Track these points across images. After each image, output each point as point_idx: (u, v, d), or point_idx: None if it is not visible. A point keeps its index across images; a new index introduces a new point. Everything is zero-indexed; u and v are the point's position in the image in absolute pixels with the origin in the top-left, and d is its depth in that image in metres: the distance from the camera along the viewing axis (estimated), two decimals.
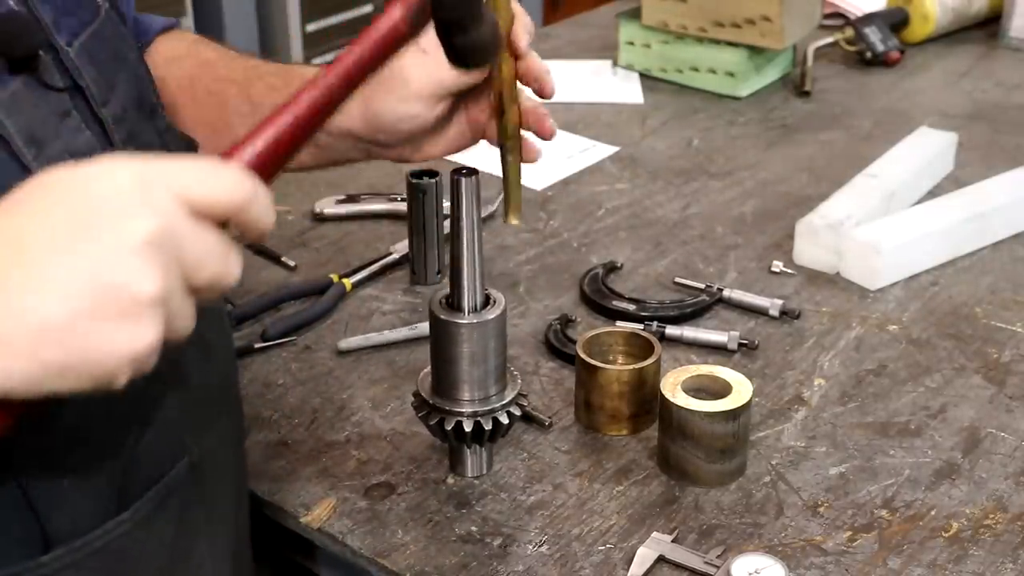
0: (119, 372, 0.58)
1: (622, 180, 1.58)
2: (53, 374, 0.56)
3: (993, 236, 1.40)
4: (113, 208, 0.57)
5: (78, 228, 0.57)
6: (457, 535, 0.97)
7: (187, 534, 0.82)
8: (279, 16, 3.08)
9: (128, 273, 0.56)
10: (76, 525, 0.72)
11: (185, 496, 0.81)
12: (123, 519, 0.75)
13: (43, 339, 0.55)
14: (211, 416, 0.86)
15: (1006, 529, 0.98)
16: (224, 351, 0.91)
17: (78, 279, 0.56)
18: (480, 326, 0.96)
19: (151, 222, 0.57)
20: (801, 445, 1.07)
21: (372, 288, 1.32)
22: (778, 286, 1.32)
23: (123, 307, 0.56)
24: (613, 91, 1.87)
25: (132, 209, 0.57)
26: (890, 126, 1.70)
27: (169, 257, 0.58)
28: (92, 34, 0.76)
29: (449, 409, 0.98)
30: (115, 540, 0.75)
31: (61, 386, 0.57)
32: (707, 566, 0.93)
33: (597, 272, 1.32)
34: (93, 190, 0.58)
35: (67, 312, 0.56)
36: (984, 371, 1.18)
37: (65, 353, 0.56)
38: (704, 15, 1.80)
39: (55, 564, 0.72)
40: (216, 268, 0.61)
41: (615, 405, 1.07)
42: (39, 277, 0.56)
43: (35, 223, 0.57)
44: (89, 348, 0.56)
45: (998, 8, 2.05)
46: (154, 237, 0.57)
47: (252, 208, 0.62)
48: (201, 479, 0.83)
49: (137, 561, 0.77)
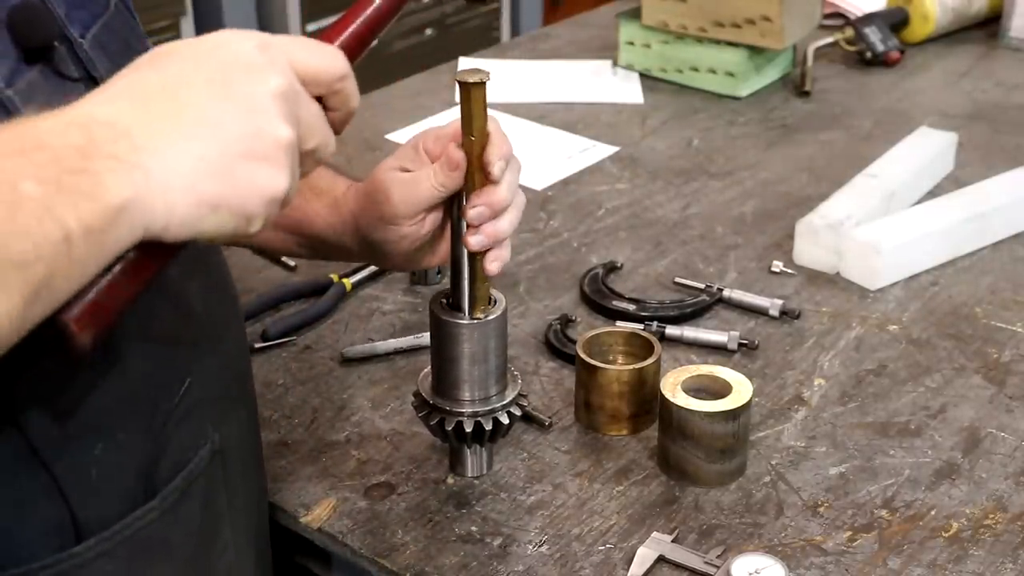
0: (257, 212, 0.64)
1: (622, 180, 1.58)
2: (207, 209, 0.62)
3: (993, 236, 1.40)
4: (245, 66, 0.64)
5: (218, 80, 0.63)
6: (457, 535, 0.97)
7: (212, 521, 0.84)
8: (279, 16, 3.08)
9: (268, 120, 0.63)
10: (106, 515, 0.74)
11: (209, 483, 0.82)
12: (151, 507, 0.76)
13: (201, 173, 0.61)
14: (230, 405, 0.87)
15: (1006, 529, 0.98)
16: (239, 344, 0.93)
17: (228, 123, 0.62)
18: (480, 326, 0.95)
19: (280, 79, 0.64)
20: (801, 445, 1.07)
21: (372, 288, 1.32)
22: (778, 286, 1.32)
23: (266, 149, 0.63)
24: (613, 91, 1.87)
25: (262, 67, 0.64)
26: (890, 126, 1.70)
27: (293, 111, 0.65)
28: (103, 26, 0.77)
29: (449, 409, 0.98)
30: (144, 528, 0.76)
31: (212, 226, 0.62)
32: (707, 566, 0.93)
33: (597, 272, 1.32)
34: (223, 52, 0.64)
35: (221, 150, 0.62)
36: (984, 371, 1.18)
37: (221, 188, 0.62)
38: (704, 15, 1.80)
39: (87, 554, 0.73)
40: (321, 134, 0.68)
41: (615, 405, 1.07)
42: (192, 122, 0.61)
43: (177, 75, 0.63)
44: (240, 185, 0.62)
45: (998, 8, 2.05)
46: (283, 92, 0.64)
47: (346, 84, 0.70)
48: (223, 466, 0.84)
49: (166, 548, 0.79)
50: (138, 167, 0.59)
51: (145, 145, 0.60)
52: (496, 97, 1.81)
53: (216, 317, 0.86)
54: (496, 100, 1.79)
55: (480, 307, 0.95)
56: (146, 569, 0.77)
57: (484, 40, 3.51)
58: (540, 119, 1.75)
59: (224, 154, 0.62)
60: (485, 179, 0.90)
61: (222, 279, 0.89)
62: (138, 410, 0.75)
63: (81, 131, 0.58)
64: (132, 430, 0.75)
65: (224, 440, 0.84)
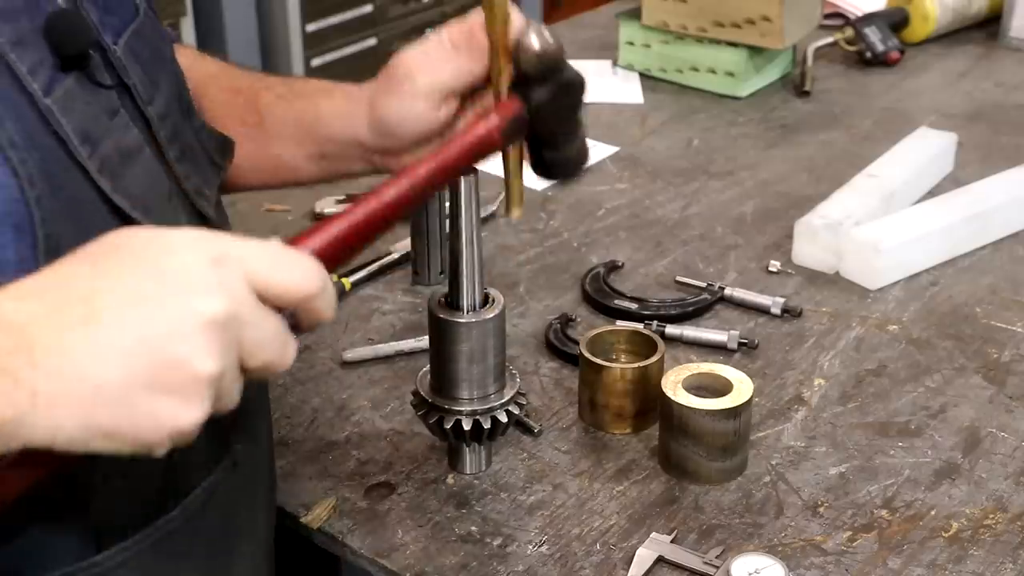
0: (160, 444, 0.59)
1: (622, 180, 1.58)
2: (99, 436, 0.57)
3: (993, 236, 1.40)
4: (186, 283, 0.58)
5: (148, 297, 0.57)
6: (457, 535, 0.97)
7: (230, 531, 0.84)
8: (279, 16, 3.08)
9: (189, 350, 0.57)
10: (127, 524, 0.74)
11: (229, 494, 0.82)
12: (172, 516, 0.76)
13: (97, 402, 0.56)
14: (251, 416, 0.87)
15: (1006, 529, 0.98)
16: None
17: (141, 348, 0.57)
18: (479, 325, 0.96)
19: (220, 303, 0.58)
20: (801, 445, 1.07)
21: (372, 288, 1.32)
22: (778, 286, 1.32)
23: (178, 382, 0.57)
24: (613, 91, 1.87)
25: (204, 287, 0.58)
26: (890, 126, 1.70)
27: (230, 339, 0.59)
28: (133, 33, 0.77)
29: (448, 408, 0.98)
30: (165, 537, 0.76)
31: (102, 448, 0.58)
32: (707, 566, 0.93)
33: (599, 271, 1.32)
34: (169, 261, 0.59)
35: (125, 379, 0.56)
36: (984, 371, 1.18)
37: (115, 419, 0.57)
38: (704, 15, 1.80)
39: (108, 563, 0.73)
40: (272, 354, 0.62)
41: (620, 403, 1.07)
42: (104, 341, 0.56)
43: (108, 284, 0.58)
44: (138, 417, 0.57)
45: (998, 8, 2.05)
46: (220, 318, 0.58)
47: (318, 300, 0.63)
48: (243, 477, 0.84)
49: (185, 558, 0.79)
50: (27, 388, 0.55)
51: (42, 363, 0.56)
52: None
53: None
54: None
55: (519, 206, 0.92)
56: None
57: None
58: None
59: (128, 383, 0.56)
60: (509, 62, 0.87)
61: None
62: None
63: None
64: None
65: (245, 450, 0.85)
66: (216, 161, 0.90)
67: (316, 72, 3.11)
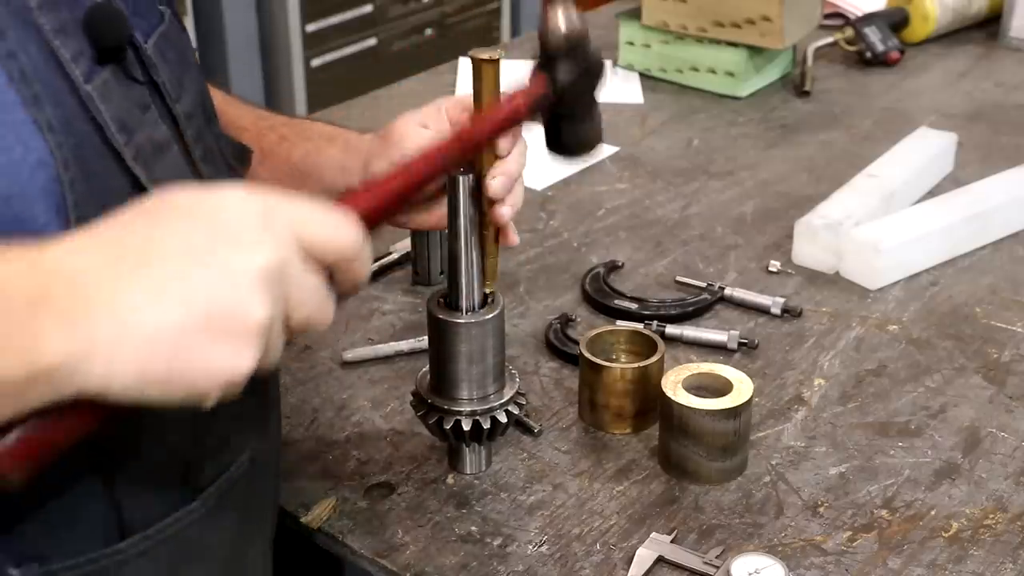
0: (211, 392, 0.60)
1: (622, 180, 1.58)
2: (152, 383, 0.58)
3: (993, 236, 1.40)
4: (237, 235, 0.60)
5: (203, 247, 0.59)
6: (457, 535, 0.97)
7: (247, 526, 0.85)
8: (279, 16, 3.08)
9: (242, 298, 0.59)
10: (150, 514, 0.75)
11: (246, 489, 0.83)
12: (193, 508, 0.77)
13: (153, 348, 0.58)
14: (267, 412, 0.89)
15: (1006, 529, 0.98)
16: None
17: (196, 296, 0.58)
18: (478, 325, 0.96)
19: (270, 255, 0.60)
20: (801, 445, 1.07)
21: (372, 288, 1.32)
22: (778, 286, 1.32)
23: (232, 330, 0.59)
24: (613, 91, 1.87)
25: (255, 239, 0.60)
26: (890, 126, 1.70)
27: (279, 290, 0.61)
28: (161, 36, 0.78)
29: (448, 408, 0.98)
30: (185, 529, 0.77)
31: (155, 396, 0.59)
32: (707, 566, 0.93)
33: (599, 271, 1.32)
34: (221, 215, 0.61)
35: (181, 325, 0.58)
36: (984, 371, 1.18)
37: (170, 365, 0.58)
38: (704, 15, 1.80)
39: (131, 551, 0.74)
40: (314, 310, 0.64)
41: (620, 403, 1.07)
42: (160, 288, 0.58)
43: (162, 234, 0.60)
44: (192, 363, 0.59)
45: (998, 8, 2.05)
46: (270, 269, 0.60)
47: (357, 259, 0.66)
48: (258, 473, 0.85)
49: (204, 551, 0.80)
50: (84, 331, 0.57)
51: (100, 310, 0.57)
52: None
53: None
54: None
55: (492, 281, 0.97)
56: (184, 569, 0.79)
57: (484, 40, 3.51)
58: None
59: (184, 328, 0.58)
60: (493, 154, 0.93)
61: None
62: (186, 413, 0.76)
63: (41, 280, 0.57)
64: (180, 432, 0.76)
65: (259, 446, 0.85)
66: (234, 166, 0.92)
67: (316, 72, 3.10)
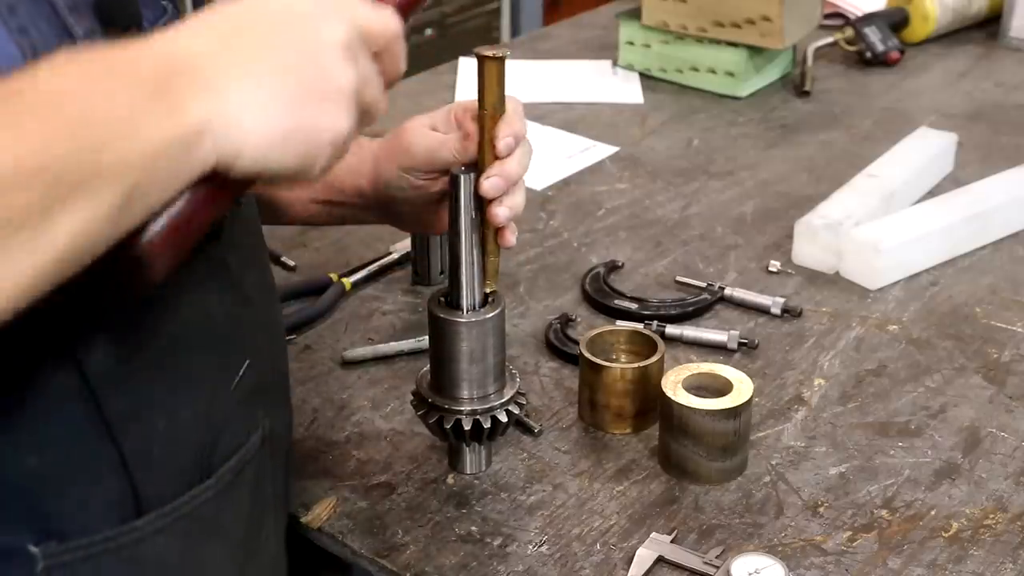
0: (321, 151, 0.67)
1: (622, 180, 1.58)
2: (278, 141, 0.65)
3: (993, 236, 1.40)
4: (312, 14, 0.68)
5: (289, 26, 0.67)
6: (457, 535, 0.97)
7: (260, 507, 0.86)
8: None
9: (334, 65, 0.67)
10: (165, 491, 0.75)
11: (258, 469, 0.84)
12: (207, 486, 0.78)
13: (273, 111, 0.64)
14: (278, 394, 0.91)
15: (1006, 529, 0.98)
16: (283, 341, 0.96)
17: (298, 64, 0.66)
18: (479, 324, 0.96)
19: (343, 28, 0.68)
20: (801, 445, 1.07)
21: (372, 288, 1.32)
22: (778, 286, 1.32)
23: (331, 92, 0.67)
24: (613, 91, 1.87)
25: (327, 16, 0.68)
26: (890, 126, 1.70)
27: (355, 64, 0.69)
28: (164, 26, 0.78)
29: (448, 407, 0.98)
30: (200, 506, 0.78)
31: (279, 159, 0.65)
32: (707, 566, 0.93)
33: (599, 271, 1.32)
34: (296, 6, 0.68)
35: (292, 88, 0.65)
36: (984, 371, 1.18)
37: (290, 122, 0.65)
38: (704, 15, 1.80)
39: (147, 528, 0.74)
40: (376, 89, 0.72)
41: (620, 403, 1.07)
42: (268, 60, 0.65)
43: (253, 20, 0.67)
44: (307, 121, 0.66)
45: (998, 8, 2.05)
46: (346, 41, 0.68)
47: (398, 44, 0.73)
48: (270, 454, 0.86)
49: (219, 529, 0.81)
50: (217, 93, 0.62)
51: (223, 75, 0.63)
52: None
53: (268, 309, 0.89)
54: None
55: (492, 280, 0.97)
56: (200, 547, 0.79)
57: (484, 40, 3.51)
58: (540, 119, 1.75)
59: (295, 92, 0.65)
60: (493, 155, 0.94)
61: (270, 276, 0.92)
62: (200, 390, 0.78)
63: (164, 59, 0.62)
64: (194, 410, 0.77)
65: (272, 428, 0.86)
66: None
67: None
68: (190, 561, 0.78)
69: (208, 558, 0.80)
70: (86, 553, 0.72)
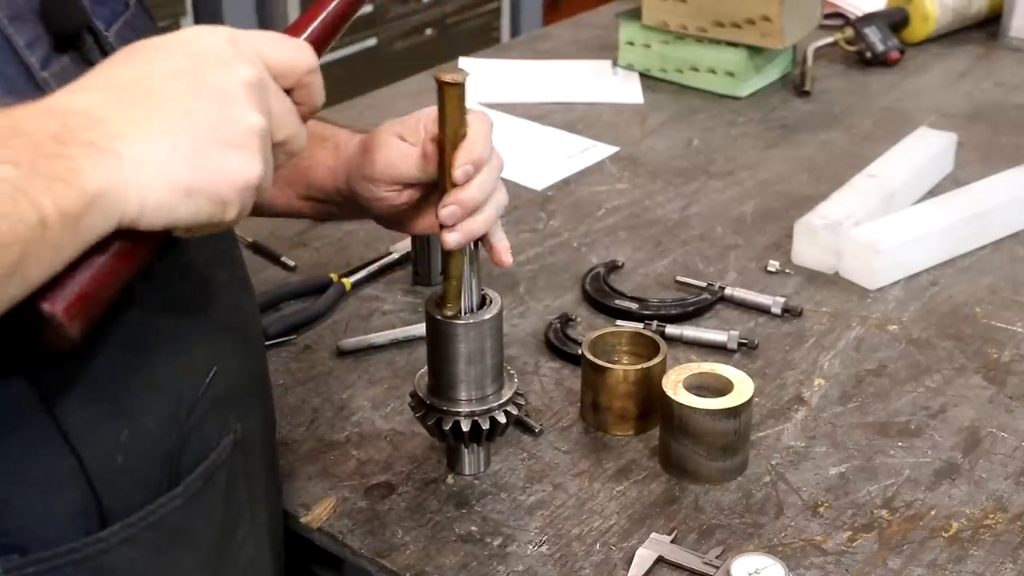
0: (231, 198, 0.65)
1: (622, 180, 1.58)
2: (181, 195, 0.62)
3: (993, 236, 1.40)
4: (214, 57, 0.66)
5: (188, 72, 0.65)
6: (457, 535, 0.97)
7: (233, 512, 0.84)
8: (279, 16, 3.08)
9: (240, 108, 0.65)
10: (131, 501, 0.74)
11: (231, 474, 0.83)
12: (175, 494, 0.77)
13: (174, 159, 0.62)
14: (252, 398, 0.89)
15: (1006, 529, 0.98)
16: (258, 341, 0.94)
17: (200, 112, 0.64)
18: (476, 326, 0.95)
19: (250, 70, 0.66)
20: (801, 445, 1.07)
21: (372, 288, 1.32)
22: (778, 286, 1.32)
23: (237, 136, 0.64)
24: (613, 91, 1.87)
25: (230, 59, 0.66)
26: (890, 126, 1.70)
27: (265, 103, 0.67)
28: (124, 23, 0.78)
29: (446, 409, 0.98)
30: (168, 515, 0.77)
31: (186, 211, 0.63)
32: (707, 566, 0.93)
33: (599, 271, 1.32)
34: (193, 45, 0.66)
35: (193, 139, 0.63)
36: (984, 371, 1.18)
37: (192, 174, 0.63)
38: (704, 15, 1.80)
39: (112, 539, 0.73)
40: (292, 126, 0.70)
41: (623, 405, 1.07)
42: (165, 109, 0.63)
43: (148, 70, 0.64)
44: (211, 171, 0.63)
45: (998, 8, 2.05)
46: (253, 82, 0.66)
47: (314, 78, 0.72)
48: (244, 458, 0.85)
49: (188, 537, 0.79)
50: (113, 153, 0.60)
51: (119, 133, 0.61)
52: (496, 97, 1.81)
53: (239, 310, 0.87)
54: (496, 100, 1.79)
55: (449, 305, 0.94)
56: (169, 557, 0.78)
57: (484, 40, 3.51)
58: (540, 119, 1.75)
59: (196, 142, 0.63)
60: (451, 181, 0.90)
61: (243, 273, 0.90)
62: (165, 397, 0.76)
63: (56, 119, 0.60)
64: (158, 417, 0.76)
65: (245, 432, 0.85)
66: None
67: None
68: (158, 570, 0.77)
69: (178, 566, 0.79)
70: (49, 565, 0.71)
